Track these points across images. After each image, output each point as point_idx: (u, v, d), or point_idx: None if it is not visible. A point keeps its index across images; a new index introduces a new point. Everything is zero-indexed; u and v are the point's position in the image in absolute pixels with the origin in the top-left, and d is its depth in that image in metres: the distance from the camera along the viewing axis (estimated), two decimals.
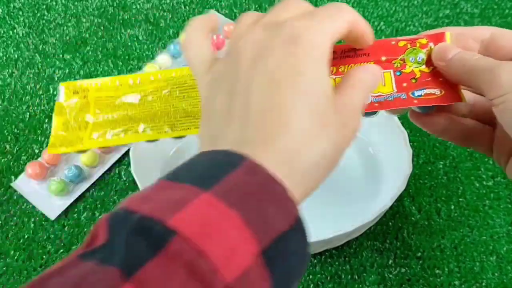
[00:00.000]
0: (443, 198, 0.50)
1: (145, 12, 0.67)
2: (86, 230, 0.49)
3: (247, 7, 0.67)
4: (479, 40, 0.31)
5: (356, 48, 0.31)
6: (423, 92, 0.30)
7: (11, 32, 0.65)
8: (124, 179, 0.52)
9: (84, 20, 0.66)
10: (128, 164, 0.52)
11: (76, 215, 0.50)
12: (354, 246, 0.47)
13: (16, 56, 0.62)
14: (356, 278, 0.46)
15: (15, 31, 0.65)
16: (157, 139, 0.38)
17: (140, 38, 0.64)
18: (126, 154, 0.53)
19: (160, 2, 0.68)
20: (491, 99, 0.27)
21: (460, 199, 0.50)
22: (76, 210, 0.50)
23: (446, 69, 0.30)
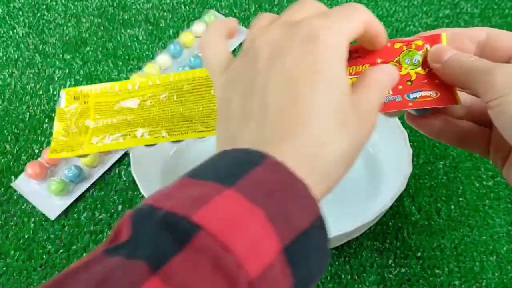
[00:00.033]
0: (443, 198, 0.50)
1: (145, 12, 0.67)
2: (86, 230, 0.49)
3: (247, 7, 0.67)
4: (475, 41, 0.31)
5: (351, 51, 0.30)
6: (419, 95, 0.30)
7: (11, 32, 0.65)
8: (124, 179, 0.52)
9: (84, 20, 0.66)
10: (128, 164, 0.52)
11: (76, 215, 0.50)
12: (354, 246, 0.47)
13: (16, 56, 0.62)
14: (356, 278, 0.46)
15: (15, 31, 0.65)
16: (155, 143, 0.38)
17: (140, 38, 0.64)
18: (126, 154, 0.53)
19: (160, 2, 0.68)
20: (487, 102, 0.27)
21: (460, 199, 0.50)
22: (76, 210, 0.50)
23: (441, 71, 0.30)
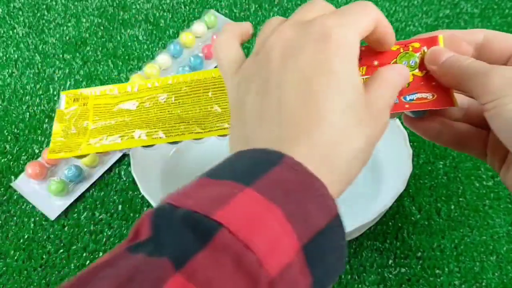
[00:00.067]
0: (443, 198, 0.50)
1: (145, 12, 0.67)
2: (86, 230, 0.49)
3: (247, 7, 0.67)
4: (473, 43, 0.31)
5: None
6: (415, 97, 0.30)
7: (11, 32, 0.65)
8: (124, 179, 0.52)
9: (84, 20, 0.66)
10: (128, 164, 0.52)
11: (76, 215, 0.50)
12: (354, 246, 0.47)
13: (16, 56, 0.62)
14: (356, 278, 0.46)
15: (15, 31, 0.65)
16: (152, 144, 0.39)
17: (140, 38, 0.64)
18: (126, 154, 0.53)
19: (160, 2, 0.68)
20: (483, 104, 0.27)
21: (460, 199, 0.50)
22: (76, 210, 0.50)
23: (438, 72, 0.30)
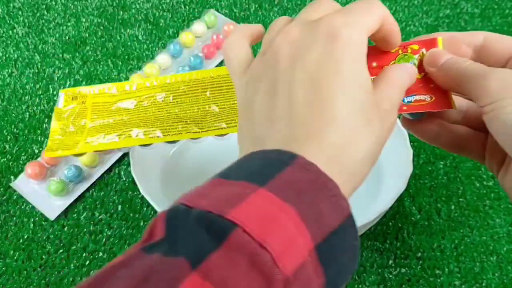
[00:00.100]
0: (443, 198, 0.50)
1: (144, 12, 0.67)
2: (85, 230, 0.49)
3: (247, 7, 0.67)
4: (472, 45, 0.31)
5: None
6: (413, 98, 0.30)
7: (10, 32, 0.65)
8: (124, 179, 0.52)
9: (84, 20, 0.66)
10: (128, 164, 0.52)
11: (75, 215, 0.50)
12: None
13: (15, 56, 0.62)
14: (356, 278, 0.46)
15: (15, 30, 0.65)
16: (149, 143, 0.38)
17: (140, 38, 0.64)
18: (126, 154, 0.53)
19: (160, 2, 0.68)
20: (481, 106, 0.27)
21: (460, 199, 0.50)
22: (75, 210, 0.50)
23: (437, 75, 0.30)
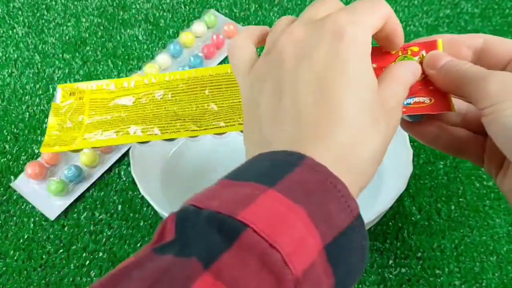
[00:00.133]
0: (443, 198, 0.50)
1: (145, 12, 0.67)
2: (85, 230, 0.49)
3: (247, 7, 0.67)
4: (472, 47, 0.31)
5: None
6: (412, 101, 0.30)
7: (10, 31, 0.65)
8: (124, 179, 0.52)
9: (84, 20, 0.66)
10: (128, 164, 0.52)
11: (75, 215, 0.50)
12: None
13: (15, 56, 0.62)
14: None
15: (15, 30, 0.65)
16: (147, 141, 0.38)
17: (140, 38, 0.64)
18: (126, 154, 0.53)
19: (160, 2, 0.68)
20: (480, 109, 0.27)
21: (460, 199, 0.50)
22: (75, 210, 0.50)
23: (436, 77, 0.30)
